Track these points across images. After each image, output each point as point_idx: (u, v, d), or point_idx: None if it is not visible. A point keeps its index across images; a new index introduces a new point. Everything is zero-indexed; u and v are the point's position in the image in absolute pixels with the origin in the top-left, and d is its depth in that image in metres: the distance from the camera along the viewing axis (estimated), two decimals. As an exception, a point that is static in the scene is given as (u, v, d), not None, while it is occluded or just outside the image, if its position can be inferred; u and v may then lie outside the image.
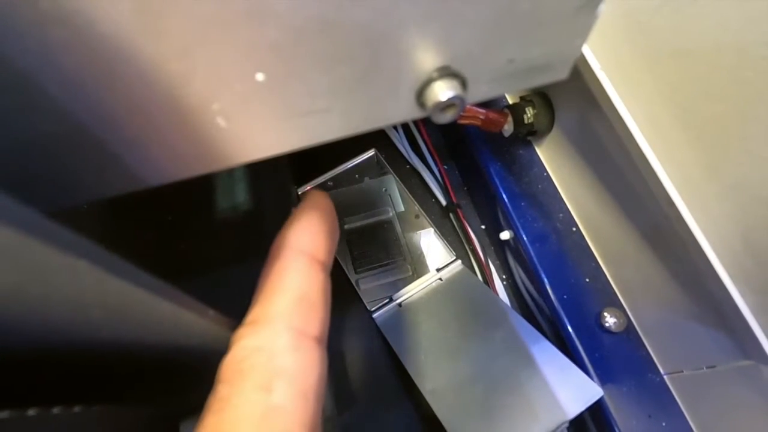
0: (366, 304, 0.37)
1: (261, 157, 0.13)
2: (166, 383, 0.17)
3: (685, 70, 0.19)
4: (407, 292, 0.37)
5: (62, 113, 0.10)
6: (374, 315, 0.36)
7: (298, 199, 0.42)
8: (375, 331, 0.36)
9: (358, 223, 0.40)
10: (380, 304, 0.36)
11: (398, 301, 0.37)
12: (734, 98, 0.17)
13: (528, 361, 0.29)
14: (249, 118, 0.12)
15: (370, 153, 0.43)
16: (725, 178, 0.19)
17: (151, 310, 0.11)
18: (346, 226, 0.40)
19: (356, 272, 0.38)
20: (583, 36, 0.14)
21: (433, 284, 0.37)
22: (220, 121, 0.12)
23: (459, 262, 0.38)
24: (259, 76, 0.11)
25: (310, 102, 0.12)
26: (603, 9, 0.13)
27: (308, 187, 0.42)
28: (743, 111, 0.17)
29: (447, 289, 0.37)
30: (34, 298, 0.09)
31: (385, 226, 0.40)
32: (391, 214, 0.41)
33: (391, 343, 0.34)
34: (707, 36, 0.17)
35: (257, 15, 0.10)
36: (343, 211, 0.41)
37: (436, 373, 0.31)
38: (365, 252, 0.39)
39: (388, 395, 0.35)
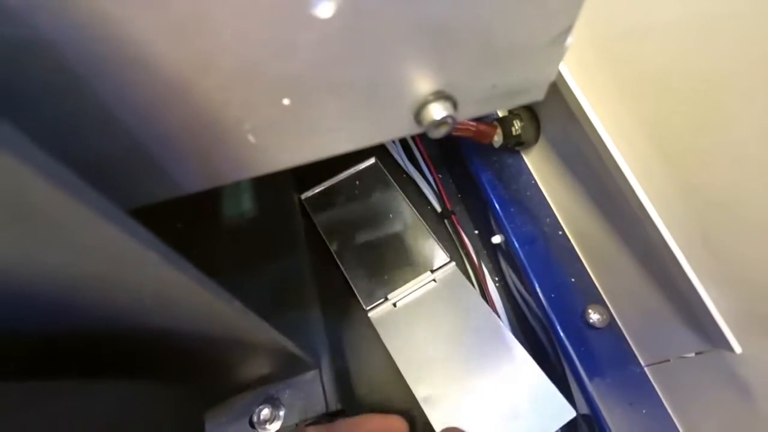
0: (362, 303, 0.38)
1: (281, 168, 0.16)
2: (193, 369, 0.19)
3: (647, 90, 0.22)
4: (402, 293, 0.39)
5: (126, 135, 0.12)
6: (369, 313, 0.38)
7: (300, 206, 0.44)
8: (371, 329, 0.38)
9: (355, 228, 0.42)
10: (376, 303, 0.38)
11: (393, 300, 0.38)
12: (685, 116, 0.20)
13: (514, 379, 0.33)
14: (274, 136, 0.14)
15: (371, 161, 0.45)
16: (685, 184, 0.21)
17: (194, 298, 0.13)
18: (342, 232, 0.42)
19: (354, 275, 0.40)
20: (555, 65, 0.16)
21: (428, 286, 0.39)
22: (251, 138, 0.14)
23: (453, 263, 0.40)
24: (285, 101, 0.13)
25: (325, 122, 0.14)
26: (571, 41, 0.16)
27: (310, 194, 0.44)
28: (694, 126, 0.20)
29: (441, 292, 0.39)
30: (110, 285, 0.11)
31: (382, 231, 0.42)
32: (388, 219, 0.43)
33: (384, 342, 0.35)
34: (660, 62, 0.20)
35: (284, 53, 0.12)
36: (340, 216, 0.43)
37: (429, 380, 0.33)
38: (362, 255, 0.41)
39: (386, 388, 0.37)
